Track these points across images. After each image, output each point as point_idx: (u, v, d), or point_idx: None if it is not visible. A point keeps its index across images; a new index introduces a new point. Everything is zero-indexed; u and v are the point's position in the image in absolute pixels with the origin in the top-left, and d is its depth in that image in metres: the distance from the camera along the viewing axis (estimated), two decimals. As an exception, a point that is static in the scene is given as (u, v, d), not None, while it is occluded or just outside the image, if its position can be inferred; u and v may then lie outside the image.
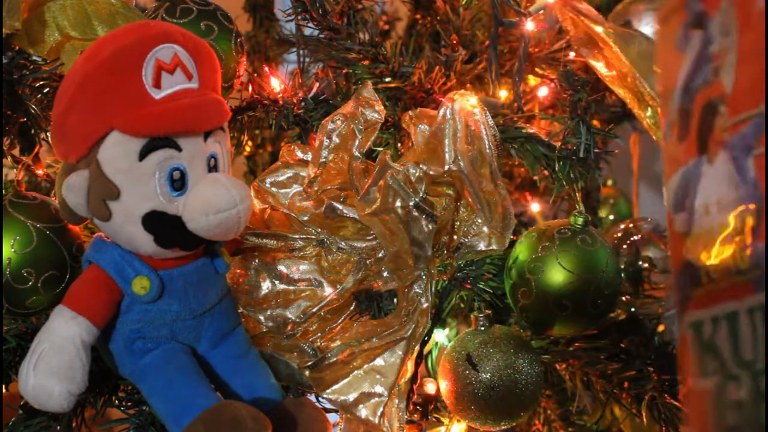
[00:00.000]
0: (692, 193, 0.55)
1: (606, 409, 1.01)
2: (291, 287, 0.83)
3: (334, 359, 0.80)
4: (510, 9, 0.98)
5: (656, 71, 0.62)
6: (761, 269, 0.48)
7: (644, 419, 0.92)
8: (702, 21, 0.54)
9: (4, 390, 0.83)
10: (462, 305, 0.91)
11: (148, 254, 0.70)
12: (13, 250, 0.76)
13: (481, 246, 0.83)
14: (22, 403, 0.79)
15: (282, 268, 0.83)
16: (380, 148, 0.93)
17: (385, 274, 0.82)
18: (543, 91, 1.19)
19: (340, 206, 0.80)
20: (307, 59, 1.25)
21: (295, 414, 0.73)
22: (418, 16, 1.30)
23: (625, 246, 1.17)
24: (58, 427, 0.80)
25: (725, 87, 0.52)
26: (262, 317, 0.82)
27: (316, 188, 0.81)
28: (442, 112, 0.82)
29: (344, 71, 0.95)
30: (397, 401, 0.80)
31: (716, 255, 0.52)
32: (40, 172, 0.87)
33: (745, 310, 0.49)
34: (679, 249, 0.56)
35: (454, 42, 1.11)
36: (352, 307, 0.86)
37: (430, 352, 1.01)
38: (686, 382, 0.54)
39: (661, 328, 1.04)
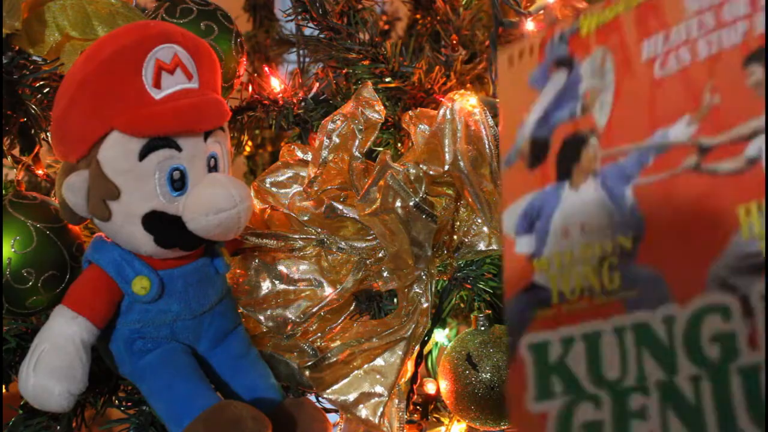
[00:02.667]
0: (544, 216, 0.57)
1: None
2: (291, 287, 0.83)
3: (334, 359, 0.80)
4: (510, 9, 0.98)
5: (500, 109, 0.65)
6: (635, 290, 0.49)
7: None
8: (567, 63, 0.59)
9: (4, 390, 0.83)
10: (462, 305, 0.91)
11: (148, 254, 0.70)
12: (13, 250, 0.76)
13: (481, 246, 0.83)
14: (22, 403, 0.79)
15: (282, 268, 0.83)
16: (380, 148, 0.93)
17: (385, 274, 0.82)
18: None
19: (340, 206, 0.80)
20: (307, 59, 1.25)
21: (295, 414, 0.73)
22: (418, 16, 1.31)
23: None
24: (58, 427, 0.80)
25: (597, 122, 0.55)
26: (262, 317, 0.82)
27: (316, 188, 0.81)
28: (442, 112, 0.82)
29: (344, 71, 0.95)
30: (397, 401, 0.80)
31: (576, 276, 0.53)
32: (40, 172, 0.88)
33: (612, 329, 0.50)
34: (523, 272, 0.57)
35: (454, 42, 1.11)
36: (352, 307, 0.85)
37: (430, 352, 1.01)
38: (518, 407, 0.54)
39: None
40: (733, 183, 0.46)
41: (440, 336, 1.02)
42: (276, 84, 0.97)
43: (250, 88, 0.96)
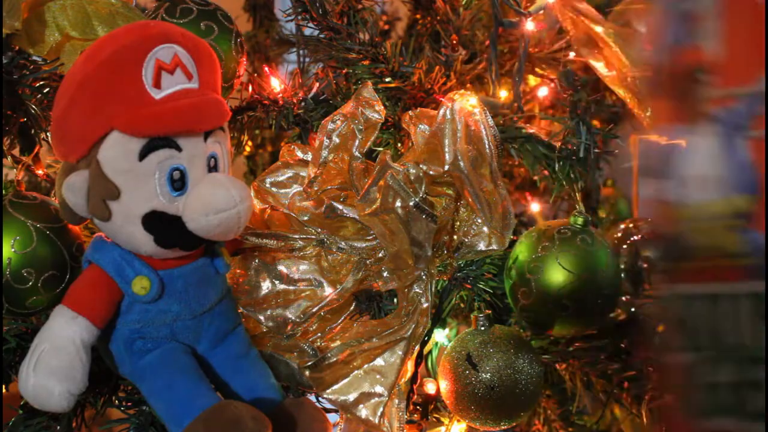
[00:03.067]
0: (677, 161, 0.53)
1: (606, 409, 1.01)
2: (291, 287, 0.83)
3: (334, 359, 0.80)
4: (510, 9, 0.98)
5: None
6: (754, 257, 0.47)
7: (644, 419, 0.92)
8: None
9: (4, 390, 0.83)
10: (462, 305, 0.91)
11: (148, 254, 0.70)
12: (13, 250, 0.76)
13: (481, 246, 0.83)
14: (22, 403, 0.79)
15: (282, 268, 0.83)
16: (380, 148, 0.93)
17: (385, 274, 0.82)
18: (543, 91, 1.19)
19: (340, 206, 0.80)
20: (307, 59, 1.25)
21: (295, 414, 0.73)
22: (418, 16, 1.30)
23: (625, 246, 1.16)
24: (58, 427, 0.80)
25: (707, 53, 0.50)
26: (262, 317, 0.82)
27: (316, 188, 0.81)
28: (442, 112, 0.82)
29: (344, 71, 0.95)
30: (397, 401, 0.80)
31: (706, 233, 0.51)
32: (40, 172, 0.87)
33: (730, 296, 0.49)
34: (669, 218, 0.54)
35: (454, 42, 1.11)
36: (352, 307, 0.85)
37: (430, 352, 1.01)
38: (662, 354, 0.54)
39: (661, 328, 1.04)
40: None
41: (440, 336, 1.02)
42: (276, 84, 0.97)
43: (250, 88, 0.96)
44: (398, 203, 0.76)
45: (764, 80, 0.47)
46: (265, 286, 0.83)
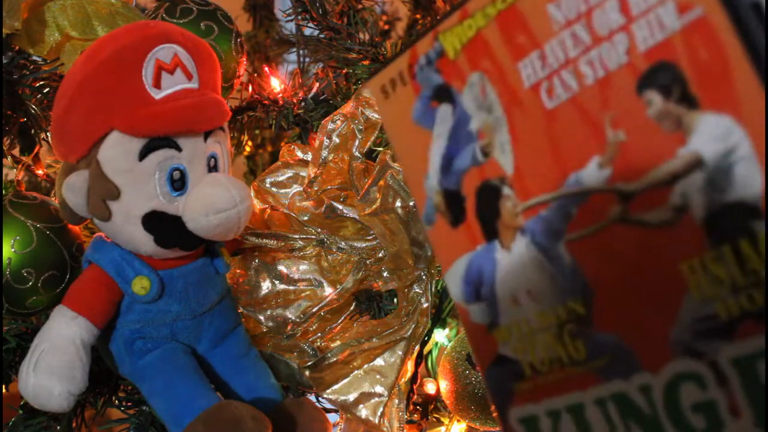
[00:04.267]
0: (487, 281, 0.51)
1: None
2: (291, 287, 0.83)
3: (334, 359, 0.80)
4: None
5: (395, 152, 0.56)
6: (603, 358, 0.45)
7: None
8: (447, 95, 0.50)
9: (4, 390, 0.83)
10: (462, 305, 0.91)
11: (148, 254, 0.70)
12: (13, 250, 0.76)
13: (481, 246, 0.83)
14: (22, 403, 0.79)
15: (282, 268, 0.83)
16: (380, 148, 0.93)
17: (385, 274, 0.82)
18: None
19: (340, 206, 0.80)
20: (307, 59, 1.25)
21: (295, 414, 0.73)
22: (418, 16, 1.31)
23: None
24: (58, 427, 0.80)
25: (504, 167, 0.48)
26: (262, 317, 0.82)
27: (316, 188, 0.81)
28: (442, 112, 0.81)
29: (344, 71, 0.95)
30: (397, 401, 0.80)
31: (541, 346, 0.48)
32: (40, 172, 0.88)
33: (592, 401, 0.46)
34: (487, 344, 0.52)
35: (454, 42, 1.11)
36: (352, 307, 0.85)
37: (430, 352, 1.01)
38: None
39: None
40: (666, 236, 0.41)
41: (440, 336, 1.02)
42: (276, 84, 0.97)
43: (250, 88, 0.96)
44: (398, 203, 0.76)
45: (570, 180, 0.44)
46: (265, 286, 0.83)
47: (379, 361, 0.79)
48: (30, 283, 0.77)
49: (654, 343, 0.42)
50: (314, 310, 0.82)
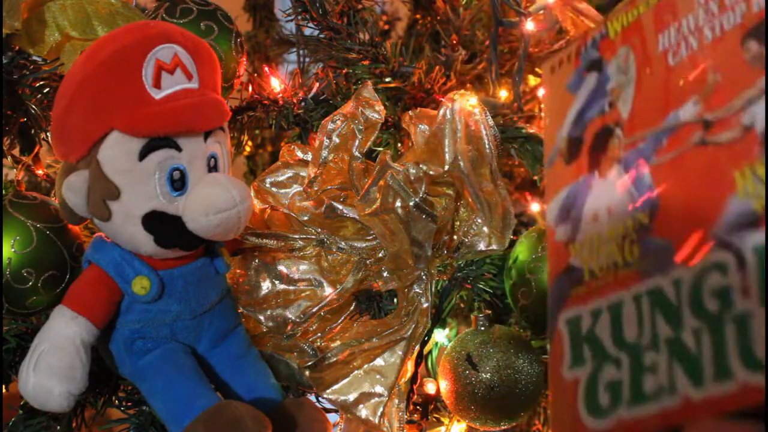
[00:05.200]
0: (578, 204, 0.62)
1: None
2: (291, 287, 0.83)
3: (334, 359, 0.80)
4: (510, 9, 0.98)
5: (544, 115, 0.70)
6: (650, 258, 0.54)
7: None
8: (597, 65, 0.64)
9: (4, 390, 0.83)
10: (462, 305, 0.91)
11: (148, 254, 0.70)
12: (13, 250, 0.76)
13: (481, 246, 0.83)
14: (22, 403, 0.79)
15: (282, 268, 0.83)
16: (380, 148, 0.93)
17: (385, 274, 0.82)
18: (543, 91, 1.18)
19: (340, 206, 0.80)
20: (307, 59, 1.25)
21: (295, 414, 0.73)
22: (418, 16, 1.31)
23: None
24: (58, 427, 0.80)
25: (622, 114, 0.60)
26: (262, 317, 0.82)
27: (316, 188, 0.81)
28: (442, 112, 0.82)
29: (344, 71, 0.95)
30: (397, 401, 0.80)
31: (604, 254, 0.58)
32: (40, 172, 0.88)
33: (631, 297, 0.55)
34: (561, 256, 0.62)
35: (454, 42, 1.11)
36: (352, 307, 0.85)
37: (430, 352, 1.01)
38: (555, 375, 0.59)
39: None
40: (731, 150, 0.50)
41: (440, 336, 1.02)
42: (276, 84, 0.97)
43: (250, 88, 0.96)
44: (398, 203, 0.76)
45: (669, 117, 0.56)
46: (265, 286, 0.83)
47: (379, 361, 0.79)
48: (30, 283, 0.77)
49: (695, 240, 0.51)
50: (314, 310, 0.82)
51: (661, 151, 0.55)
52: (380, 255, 0.81)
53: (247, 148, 1.43)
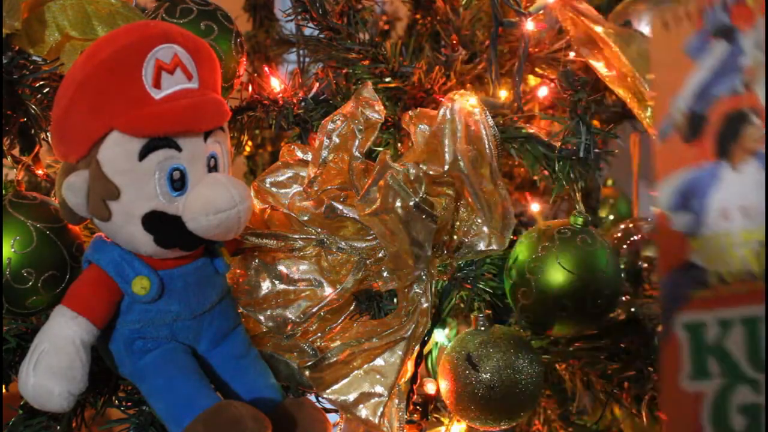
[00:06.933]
0: (703, 194, 0.57)
1: (606, 409, 1.01)
2: (291, 287, 0.83)
3: (334, 359, 0.80)
4: (510, 9, 0.98)
5: (652, 73, 0.64)
6: None
7: (644, 419, 0.92)
8: (728, 33, 0.57)
9: (4, 390, 0.83)
10: (462, 305, 0.91)
11: (148, 254, 0.70)
12: (13, 250, 0.76)
13: (481, 246, 0.83)
14: (22, 403, 0.79)
15: (282, 268, 0.83)
16: (380, 148, 0.93)
17: (385, 274, 0.82)
18: (543, 91, 1.18)
19: (340, 206, 0.80)
20: (307, 59, 1.25)
21: (295, 414, 0.73)
22: (418, 16, 1.30)
23: (625, 246, 1.16)
24: (58, 427, 0.80)
25: (760, 100, 0.55)
26: (262, 317, 0.82)
27: (316, 188, 0.81)
28: (442, 112, 0.82)
29: (344, 71, 0.95)
30: (397, 401, 0.80)
31: (736, 259, 0.54)
32: (40, 172, 0.87)
33: (765, 316, 0.51)
34: (679, 249, 0.57)
35: (454, 42, 1.11)
36: (352, 307, 0.85)
37: (430, 352, 1.01)
38: (671, 384, 0.55)
39: (661, 328, 1.04)
40: None
41: (440, 336, 1.02)
42: (276, 84, 0.97)
43: (250, 88, 0.96)
44: (398, 203, 0.76)
45: None
46: (265, 286, 0.83)
47: (379, 361, 0.79)
48: (30, 283, 0.77)
49: None
50: (314, 310, 0.82)
51: None
52: (380, 255, 0.81)
53: (247, 148, 1.43)
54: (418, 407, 0.92)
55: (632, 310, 1.07)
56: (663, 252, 0.59)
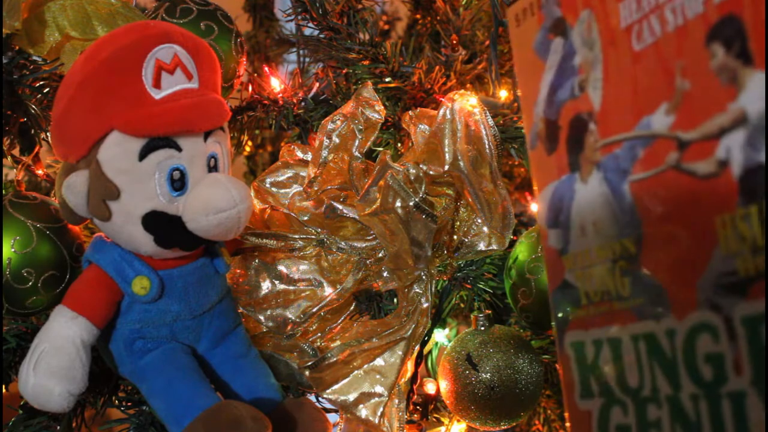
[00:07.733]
0: (565, 209, 0.55)
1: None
2: (291, 287, 0.83)
3: (334, 359, 0.80)
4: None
5: (518, 77, 0.62)
6: (642, 298, 0.48)
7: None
8: (562, 28, 0.55)
9: (4, 390, 0.83)
10: (462, 305, 0.91)
11: (148, 254, 0.70)
12: (13, 250, 0.76)
13: (481, 246, 0.83)
14: (22, 403, 0.79)
15: (282, 268, 0.83)
16: (380, 148, 0.93)
17: (385, 274, 0.82)
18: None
19: (340, 206, 0.80)
20: (307, 59, 1.25)
21: (295, 414, 0.73)
22: (418, 16, 1.31)
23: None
24: (58, 427, 0.80)
25: (593, 103, 0.53)
26: (262, 317, 0.82)
27: (316, 188, 0.81)
28: (442, 112, 0.82)
29: (344, 71, 0.95)
30: (397, 401, 0.80)
31: (596, 277, 0.52)
32: (40, 172, 0.88)
33: (629, 337, 0.50)
34: (557, 267, 0.56)
35: (454, 42, 1.11)
36: (352, 307, 0.86)
37: (430, 352, 1.01)
38: (569, 401, 0.55)
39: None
40: (709, 188, 0.44)
41: (440, 336, 1.02)
42: (276, 84, 0.97)
43: (250, 88, 0.96)
44: (398, 203, 0.76)
45: (642, 123, 0.49)
46: (265, 286, 0.83)
47: (379, 361, 0.79)
48: (30, 283, 0.77)
49: (684, 291, 0.45)
50: (314, 310, 0.82)
51: (638, 166, 0.49)
52: (380, 255, 0.81)
53: (247, 148, 1.44)
54: (418, 407, 0.92)
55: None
56: (548, 270, 0.58)
